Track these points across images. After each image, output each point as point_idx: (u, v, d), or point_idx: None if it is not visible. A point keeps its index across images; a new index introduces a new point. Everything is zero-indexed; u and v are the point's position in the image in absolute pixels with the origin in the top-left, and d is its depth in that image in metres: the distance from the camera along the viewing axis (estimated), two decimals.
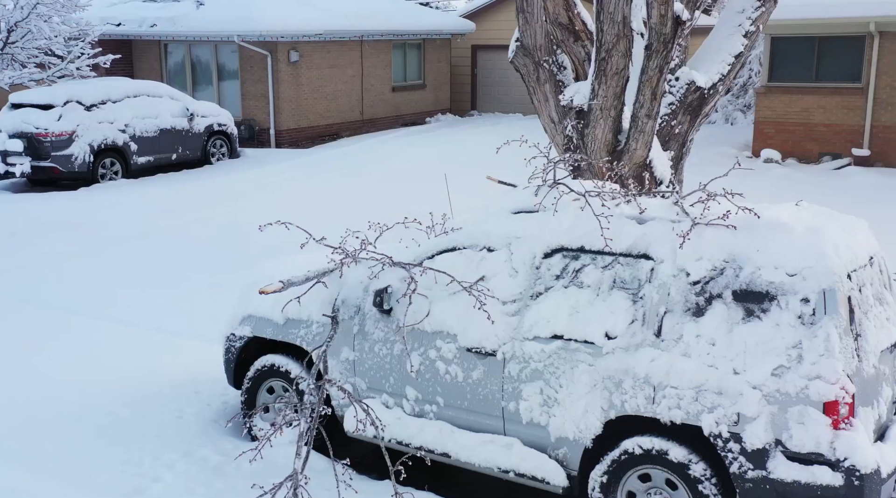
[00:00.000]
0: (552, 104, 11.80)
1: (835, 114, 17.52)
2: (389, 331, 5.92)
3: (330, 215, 13.39)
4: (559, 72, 11.72)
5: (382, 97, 24.99)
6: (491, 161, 17.89)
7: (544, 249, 5.49)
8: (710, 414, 4.78)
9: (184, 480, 5.73)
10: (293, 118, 22.18)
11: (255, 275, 6.74)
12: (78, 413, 6.73)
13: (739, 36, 11.55)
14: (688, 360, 4.88)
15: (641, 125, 10.82)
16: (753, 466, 4.69)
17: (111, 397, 7.01)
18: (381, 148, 20.78)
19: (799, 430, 4.60)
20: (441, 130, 23.78)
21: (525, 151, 17.49)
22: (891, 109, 17.03)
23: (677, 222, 5.20)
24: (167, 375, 7.51)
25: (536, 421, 5.38)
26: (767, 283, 4.78)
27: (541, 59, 11.69)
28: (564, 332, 5.28)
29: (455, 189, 15.19)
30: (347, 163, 18.85)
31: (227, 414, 6.87)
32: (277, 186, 16.36)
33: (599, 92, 10.72)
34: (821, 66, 17.53)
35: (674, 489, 5.01)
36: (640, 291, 5.14)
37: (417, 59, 26.42)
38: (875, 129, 17.16)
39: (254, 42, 21.11)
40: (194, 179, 17.29)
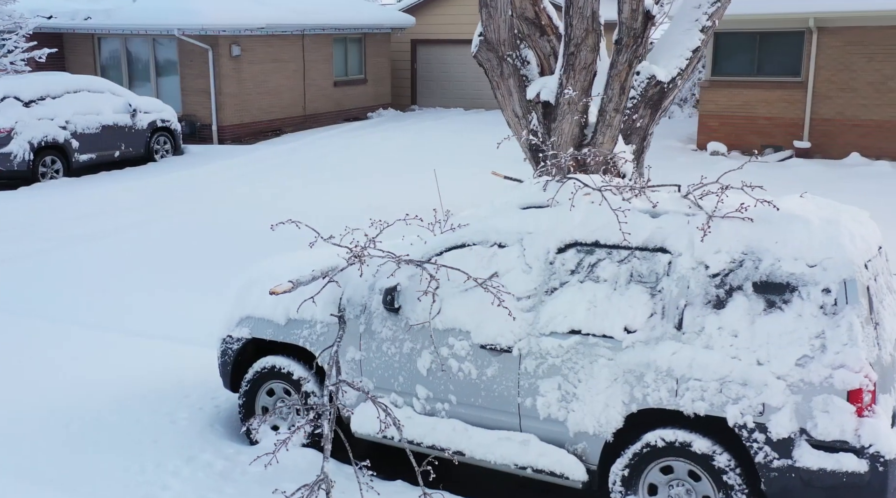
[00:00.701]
0: (516, 99, 11.84)
1: (776, 107, 17.98)
2: (398, 329, 5.85)
3: (295, 213, 13.20)
4: (523, 66, 11.77)
5: (324, 92, 24.72)
6: (445, 156, 17.97)
7: (558, 244, 5.48)
8: (734, 405, 4.84)
9: (192, 486, 5.56)
10: (236, 114, 21.77)
11: (251, 275, 6.60)
12: (63, 419, 6.48)
13: (696, 31, 11.74)
14: (710, 352, 4.93)
15: (609, 119, 10.94)
16: (779, 455, 4.77)
17: (95, 403, 6.78)
18: (328, 144, 20.57)
19: (823, 418, 4.69)
20: (385, 125, 23.65)
21: (481, 147, 17.16)
22: (829, 103, 17.55)
23: (692, 216, 5.25)
24: (149, 379, 7.29)
25: (554, 417, 5.37)
26: (788, 274, 4.86)
27: (504, 54, 11.71)
28: (582, 327, 5.28)
29: (416, 185, 15.19)
30: (297, 159, 18.60)
31: (220, 418, 6.71)
32: (229, 184, 16.05)
33: (567, 86, 10.79)
34: (762, 60, 17.96)
35: (697, 480, 5.06)
36: (658, 284, 5.17)
37: (358, 53, 26.21)
38: (814, 122, 17.67)
39: (194, 36, 20.64)
40: (140, 177, 16.84)
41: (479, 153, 18.40)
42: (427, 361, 5.75)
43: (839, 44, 17.33)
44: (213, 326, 8.61)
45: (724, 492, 4.95)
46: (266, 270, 6.58)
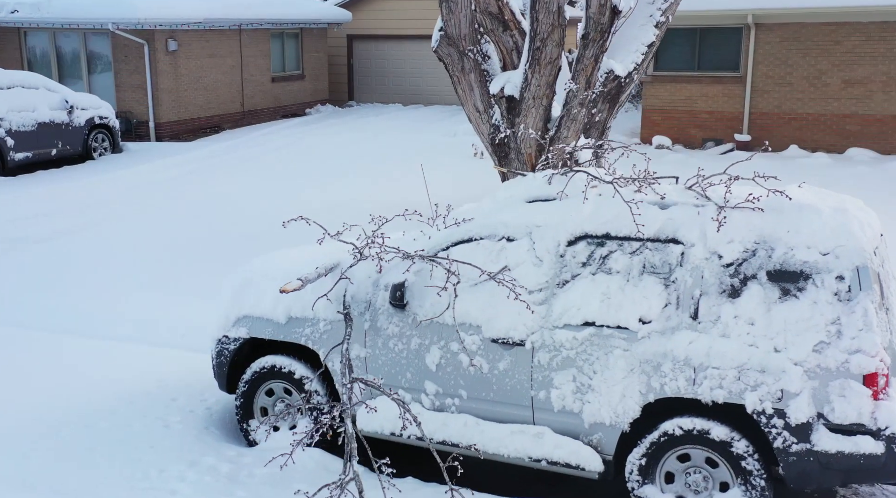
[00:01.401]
0: (477, 94, 11.86)
1: (716, 101, 18.40)
2: (405, 325, 5.79)
3: (254, 211, 13.00)
4: (484, 61, 11.79)
5: (262, 88, 24.35)
6: (394, 151, 17.88)
7: (568, 236, 5.50)
8: (753, 392, 4.94)
9: (202, 491, 5.42)
10: (173, 110, 21.28)
11: (244, 274, 6.46)
12: (51, 427, 6.25)
13: (651, 26, 11.94)
14: (727, 340, 5.02)
15: (574, 113, 11.05)
16: (797, 439, 4.88)
17: (81, 409, 6.55)
18: (271, 141, 20.27)
19: (840, 402, 4.82)
20: (326, 121, 23.42)
21: (428, 142, 16.90)
22: (767, 97, 18.05)
23: (701, 207, 5.33)
24: (130, 383, 7.07)
25: (569, 408, 5.40)
26: (802, 262, 4.98)
27: (465, 49, 11.71)
28: (596, 318, 5.32)
29: (373, 181, 15.09)
30: (241, 156, 18.29)
31: (214, 420, 6.56)
32: (175, 182, 15.68)
33: (532, 81, 10.87)
34: (702, 56, 18.37)
35: (714, 467, 5.15)
36: (671, 275, 5.24)
37: (296, 48, 25.88)
38: (753, 116, 18.15)
39: (129, 30, 20.09)
40: (80, 176, 16.31)
41: (429, 148, 18.41)
42: (436, 356, 5.72)
43: (776, 40, 17.83)
44: (185, 328, 8.47)
45: (742, 477, 5.04)
46: (260, 269, 6.45)
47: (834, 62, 17.57)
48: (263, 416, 6.31)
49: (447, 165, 16.43)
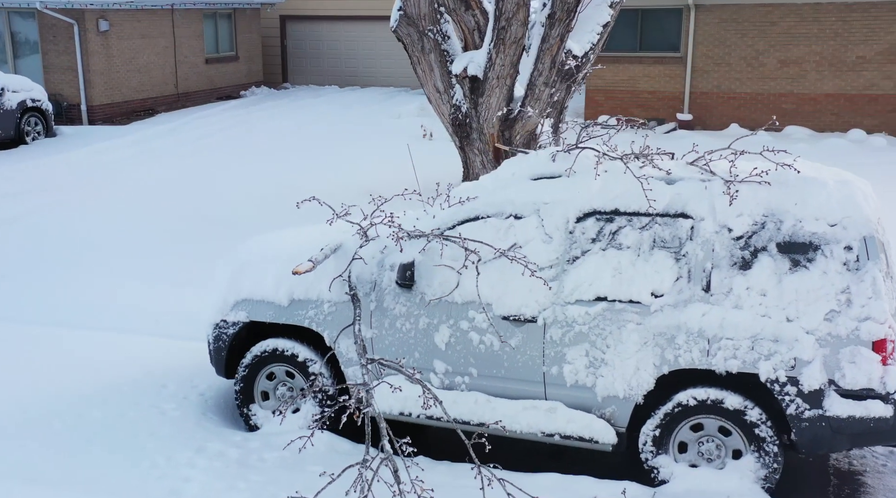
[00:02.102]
0: (437, 74, 11.83)
1: (658, 82, 18.72)
2: (412, 305, 5.76)
3: (207, 195, 12.72)
4: (444, 41, 11.76)
5: (196, 69, 23.80)
6: (341, 134, 17.69)
7: (577, 213, 5.54)
8: (766, 361, 5.07)
9: (215, 477, 5.31)
10: (106, 93, 20.64)
11: (241, 257, 6.32)
12: (43, 418, 6.04)
13: (606, 6, 12.08)
14: (740, 311, 5.13)
15: (538, 93, 11.12)
16: (810, 406, 5.03)
17: (69, 400, 6.33)
18: (211, 123, 19.84)
19: (851, 368, 4.99)
20: (264, 104, 23.02)
21: (373, 123, 16.71)
22: (706, 77, 18.44)
23: (707, 181, 5.42)
24: (115, 372, 6.86)
25: (582, 383, 5.45)
26: (810, 234, 5.12)
27: (425, 29, 11.67)
28: (608, 293, 5.38)
29: (321, 163, 14.91)
30: (183, 139, 17.86)
31: (210, 406, 6.43)
32: (119, 166, 15.22)
33: (497, 61, 10.89)
34: (644, 37, 18.65)
35: (727, 435, 5.27)
36: (681, 249, 5.32)
37: (229, 29, 25.35)
38: (693, 96, 18.53)
39: (58, 9, 19.39)
40: (15, 162, 15.68)
41: (376, 130, 18.28)
42: (445, 335, 5.71)
43: (715, 21, 18.21)
44: (159, 315, 8.27)
45: (755, 444, 5.18)
46: (257, 252, 6.34)
47: (770, 43, 18.04)
48: (265, 400, 6.21)
49: (397, 147, 16.30)
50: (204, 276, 9.18)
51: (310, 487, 5.10)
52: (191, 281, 8.92)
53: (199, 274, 9.24)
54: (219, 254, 9.77)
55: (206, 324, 6.30)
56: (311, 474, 5.37)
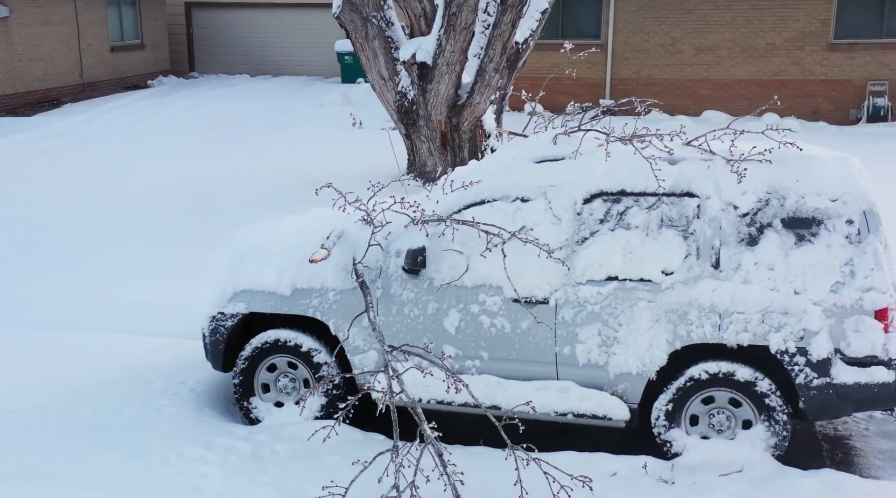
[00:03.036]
0: (382, 61, 11.78)
1: (579, 68, 18.94)
2: (420, 291, 5.74)
3: (136, 189, 12.29)
4: (388, 28, 11.71)
5: (102, 58, 22.91)
6: (267, 123, 17.33)
7: (584, 194, 5.61)
8: (777, 333, 5.26)
9: (232, 471, 5.18)
10: (8, 82, 19.67)
11: (238, 248, 6.16)
12: (33, 419, 5.78)
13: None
14: (750, 286, 5.31)
15: (488, 79, 11.21)
16: (818, 375, 5.25)
17: (57, 400, 6.08)
18: (123, 115, 19.13)
19: (856, 337, 5.23)
20: (177, 93, 22.32)
21: (295, 112, 16.48)
22: (626, 64, 18.88)
23: (709, 161, 5.57)
24: (98, 371, 6.59)
25: (594, 361, 5.54)
26: (813, 209, 5.33)
27: (369, 15, 11.60)
28: (619, 273, 5.47)
29: (255, 153, 14.58)
30: (97, 132, 17.15)
31: (203, 401, 6.25)
32: (33, 161, 14.51)
33: (447, 47, 10.91)
34: (566, 24, 18.93)
35: (737, 407, 5.45)
36: (689, 227, 5.46)
37: (133, 16, 24.49)
38: (615, 82, 18.96)
39: None
40: None
41: (302, 119, 18.01)
42: (455, 319, 5.71)
43: (633, 8, 18.65)
44: (122, 311, 7.98)
45: (765, 414, 5.38)
46: (254, 242, 6.19)
47: (686, 30, 18.61)
48: (265, 393, 6.08)
49: (329, 136, 16.16)
50: (166, 269, 8.94)
51: (331, 476, 5.06)
52: (155, 275, 8.64)
53: (161, 268, 8.96)
54: (177, 247, 9.56)
55: (202, 316, 6.12)
56: (328, 464, 5.32)
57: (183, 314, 7.88)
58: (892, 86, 18.13)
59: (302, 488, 5.03)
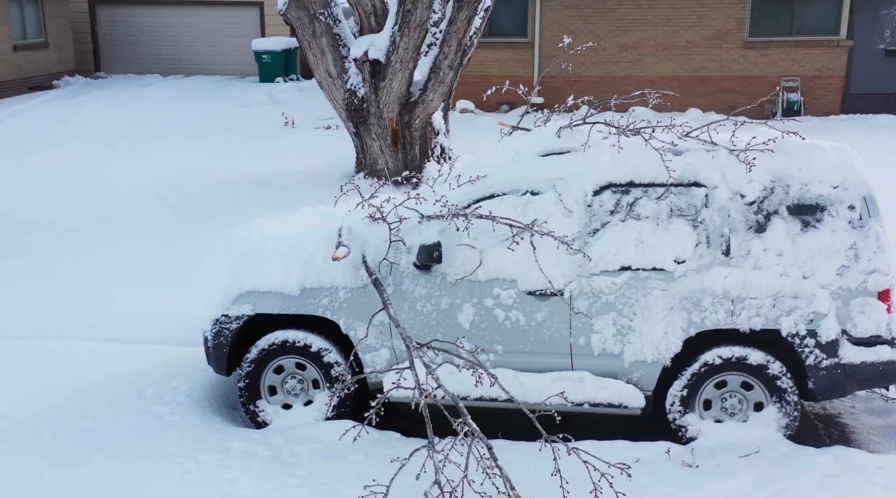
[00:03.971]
0: (330, 58, 11.64)
1: (508, 66, 19.22)
2: (433, 286, 5.70)
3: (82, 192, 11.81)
4: (335, 25, 11.57)
5: (5, 58, 21.87)
6: (192, 124, 16.83)
7: (593, 186, 5.67)
8: (788, 317, 5.43)
9: (258, 475, 5.03)
10: None
11: (238, 249, 5.98)
12: (29, 431, 5.50)
13: None
14: (760, 272, 5.46)
15: (443, 76, 11.20)
16: (826, 355, 5.44)
17: (48, 412, 5.80)
18: (38, 116, 18.32)
19: (861, 318, 5.45)
20: (88, 94, 21.49)
21: (216, 112, 16.09)
22: (553, 61, 19.12)
23: (712, 151, 5.70)
24: (82, 381, 6.30)
25: (609, 351, 5.61)
26: (817, 196, 5.52)
27: (316, 12, 11.45)
28: (632, 263, 5.55)
29: (191, 154, 14.18)
30: (15, 135, 16.36)
31: (202, 406, 6.06)
32: None
33: (401, 44, 10.85)
34: (493, 23, 19.04)
35: (749, 390, 5.60)
36: (698, 216, 5.58)
37: (36, 14, 23.46)
38: (543, 79, 19.13)
39: None
40: None
41: (230, 119, 17.60)
42: (469, 314, 5.69)
43: (558, 7, 18.93)
44: (90, 320, 7.65)
45: (777, 396, 5.54)
46: (255, 242, 6.03)
47: (610, 28, 18.99)
48: (272, 395, 5.93)
49: (263, 136, 15.85)
50: (127, 275, 8.61)
51: (361, 475, 5.01)
52: (119, 281, 8.31)
53: (122, 274, 8.64)
54: (136, 253, 9.20)
55: (203, 320, 5.91)
56: (355, 464, 5.24)
57: (157, 320, 7.65)
58: (803, 82, 18.94)
59: (335, 489, 4.93)
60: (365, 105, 11.52)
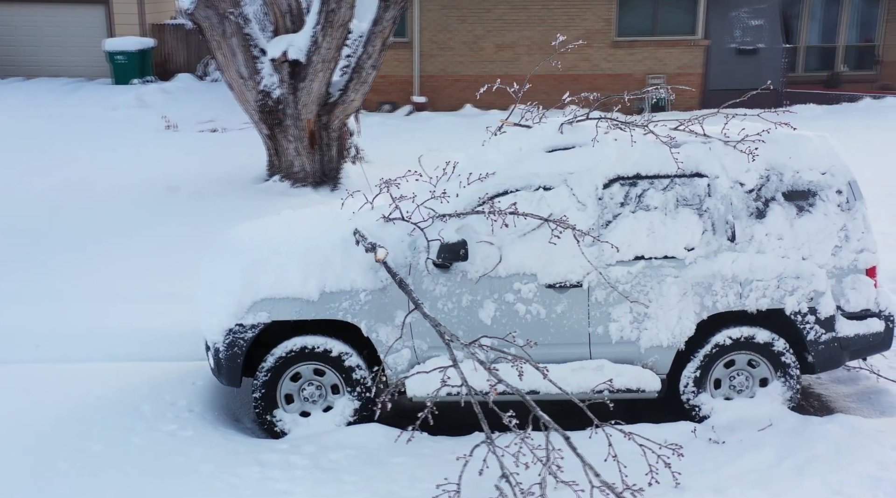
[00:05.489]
0: (241, 59, 11.37)
1: (389, 66, 19.15)
2: (453, 284, 5.69)
3: None
4: (246, 25, 11.30)
5: None
6: (62, 132, 15.82)
7: (603, 180, 5.83)
8: (791, 296, 5.79)
9: (309, 485, 4.91)
10: None
11: (250, 255, 5.74)
12: (39, 458, 5.09)
13: None
14: (764, 255, 5.79)
15: (365, 76, 11.16)
16: (825, 330, 5.84)
17: (51, 437, 5.42)
18: None
19: (853, 294, 5.88)
20: None
21: (83, 120, 15.23)
22: (433, 61, 19.32)
23: (707, 143, 5.99)
24: (69, 404, 5.89)
25: (627, 338, 5.79)
26: (808, 182, 5.91)
27: (226, 12, 11.16)
28: (645, 252, 5.76)
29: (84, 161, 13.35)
30: None
31: (210, 420, 5.82)
32: None
33: (323, 44, 10.73)
34: None
35: (754, 367, 5.93)
36: (702, 205, 5.85)
37: None
38: (423, 79, 19.32)
39: None
40: None
41: (102, 124, 16.72)
42: (491, 310, 5.73)
43: (437, 7, 19.11)
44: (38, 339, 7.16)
45: (781, 371, 5.90)
46: (265, 247, 5.80)
47: (487, 28, 19.36)
48: (288, 403, 5.74)
49: (146, 140, 15.13)
50: (73, 291, 8.08)
51: (411, 476, 5.04)
52: (63, 298, 7.78)
53: (64, 290, 8.09)
54: (71, 264, 8.61)
55: (214, 331, 5.64)
56: (400, 466, 5.20)
57: (109, 337, 7.25)
58: (667, 79, 19.97)
59: (394, 492, 4.87)
60: (281, 106, 11.26)
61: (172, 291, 7.93)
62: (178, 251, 8.90)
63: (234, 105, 19.08)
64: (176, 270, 8.37)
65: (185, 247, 8.92)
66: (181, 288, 7.77)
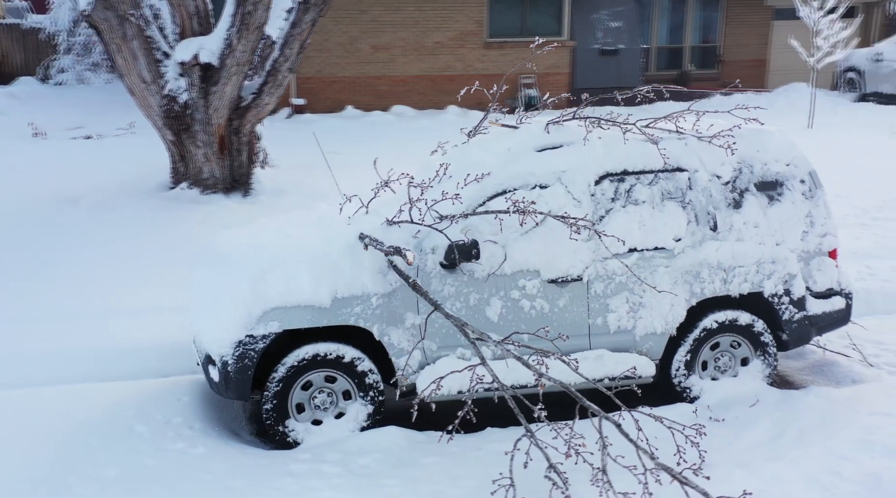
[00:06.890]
0: (143, 62, 10.99)
1: None
2: (461, 284, 5.74)
3: None
4: (147, 27, 10.90)
5: None
6: None
7: (594, 176, 6.03)
8: (769, 280, 6.20)
9: (354, 492, 4.80)
10: None
11: (257, 265, 5.55)
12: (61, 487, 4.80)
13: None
14: (743, 243, 6.17)
15: (281, 79, 11.02)
16: (797, 310, 6.29)
17: (62, 464, 5.07)
18: None
19: (819, 275, 6.37)
20: None
21: None
22: (310, 62, 19.08)
23: (682, 139, 6.31)
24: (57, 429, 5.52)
25: (624, 327, 6.03)
26: (776, 173, 6.33)
27: (127, 13, 10.76)
28: (638, 244, 6.01)
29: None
30: None
31: (214, 434, 5.62)
32: None
33: (238, 47, 10.49)
34: None
35: (736, 348, 6.30)
36: (685, 197, 6.16)
37: None
38: (300, 81, 19.06)
39: None
40: None
41: None
42: (497, 307, 5.81)
43: None
44: None
45: (760, 350, 6.30)
46: (272, 255, 5.64)
47: (363, 30, 19.34)
48: (299, 413, 5.61)
49: (17, 150, 14.30)
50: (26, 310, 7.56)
51: (449, 475, 5.12)
52: None
53: None
54: None
55: (221, 344, 5.42)
56: (434, 466, 5.23)
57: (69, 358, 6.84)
58: (538, 79, 20.61)
59: (441, 492, 4.86)
60: (189, 111, 10.87)
61: (106, 306, 7.56)
62: (101, 267, 8.46)
63: (99, 110, 18.28)
64: (108, 285, 7.97)
65: (106, 262, 8.51)
66: (113, 303, 7.47)
